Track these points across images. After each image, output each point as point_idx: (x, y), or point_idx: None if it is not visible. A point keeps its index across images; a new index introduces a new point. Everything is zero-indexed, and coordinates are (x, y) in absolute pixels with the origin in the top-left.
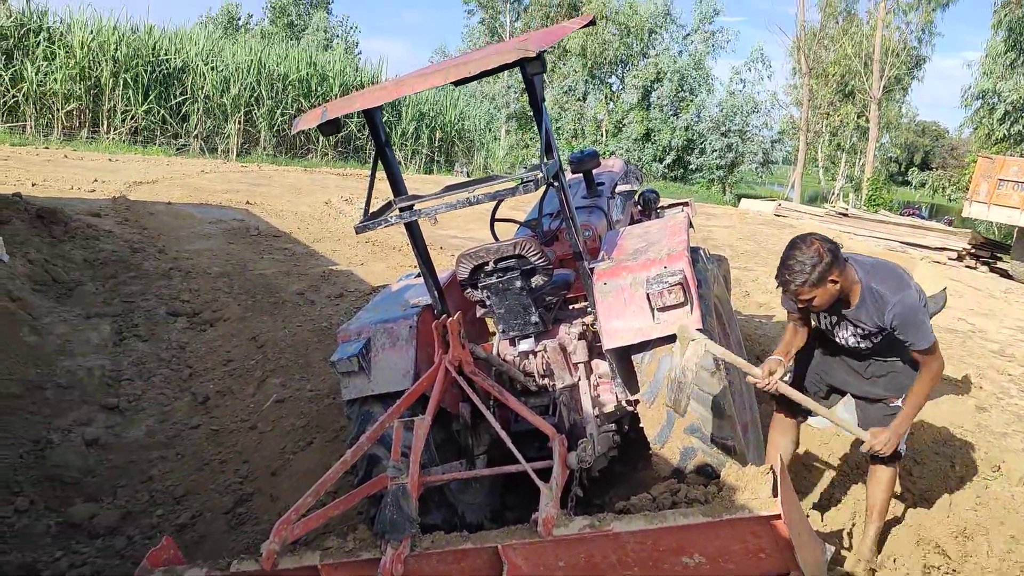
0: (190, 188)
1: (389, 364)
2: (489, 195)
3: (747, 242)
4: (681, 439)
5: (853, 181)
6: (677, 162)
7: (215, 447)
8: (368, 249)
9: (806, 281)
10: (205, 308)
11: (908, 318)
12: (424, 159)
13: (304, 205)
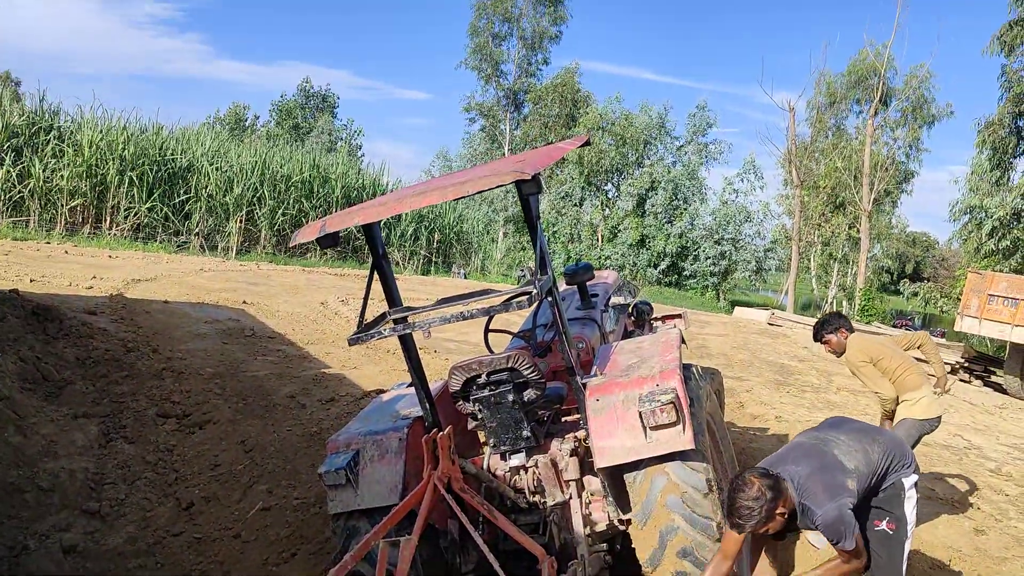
0: (188, 286)
1: (377, 478)
2: (483, 310)
3: (741, 351)
4: (674, 563)
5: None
6: (672, 268)
7: (196, 556)
8: (362, 352)
9: (757, 522)
10: (195, 410)
11: (832, 528)
12: (422, 260)
13: (300, 305)
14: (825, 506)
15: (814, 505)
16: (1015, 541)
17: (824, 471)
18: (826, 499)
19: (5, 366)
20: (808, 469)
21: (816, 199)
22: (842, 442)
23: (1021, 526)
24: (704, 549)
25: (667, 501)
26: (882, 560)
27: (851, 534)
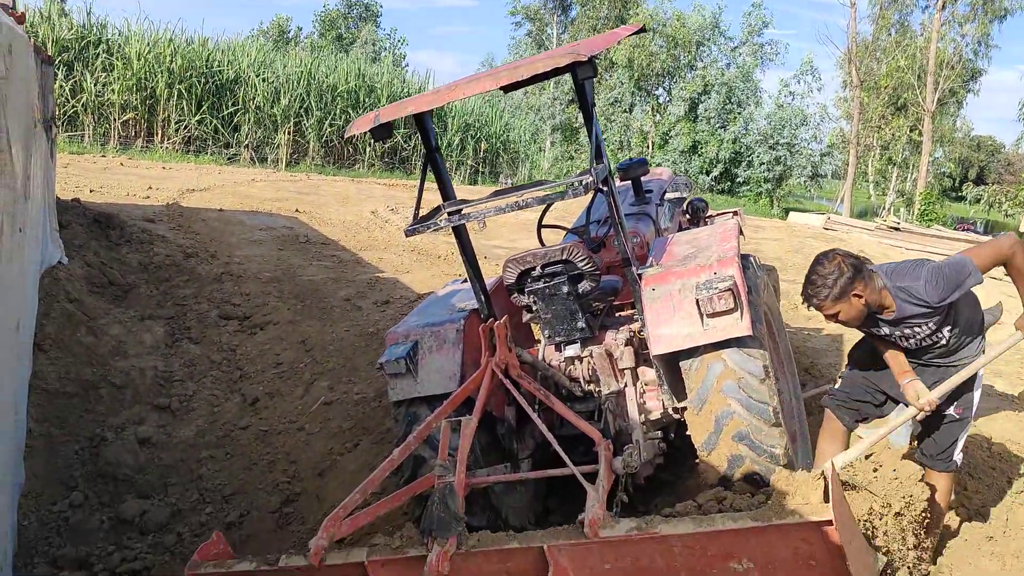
0: (240, 196)
1: (436, 367)
2: (538, 199)
3: (796, 255)
4: (729, 447)
5: (905, 196)
6: (724, 175)
7: (263, 447)
8: (413, 258)
9: (828, 295)
10: (255, 312)
11: (938, 280)
12: (469, 170)
13: (351, 214)
14: (920, 272)
15: (909, 280)
16: None
17: (912, 262)
18: (917, 268)
19: (73, 271)
20: (895, 263)
21: (876, 100)
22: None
23: None
24: (760, 433)
25: (723, 387)
26: (937, 441)
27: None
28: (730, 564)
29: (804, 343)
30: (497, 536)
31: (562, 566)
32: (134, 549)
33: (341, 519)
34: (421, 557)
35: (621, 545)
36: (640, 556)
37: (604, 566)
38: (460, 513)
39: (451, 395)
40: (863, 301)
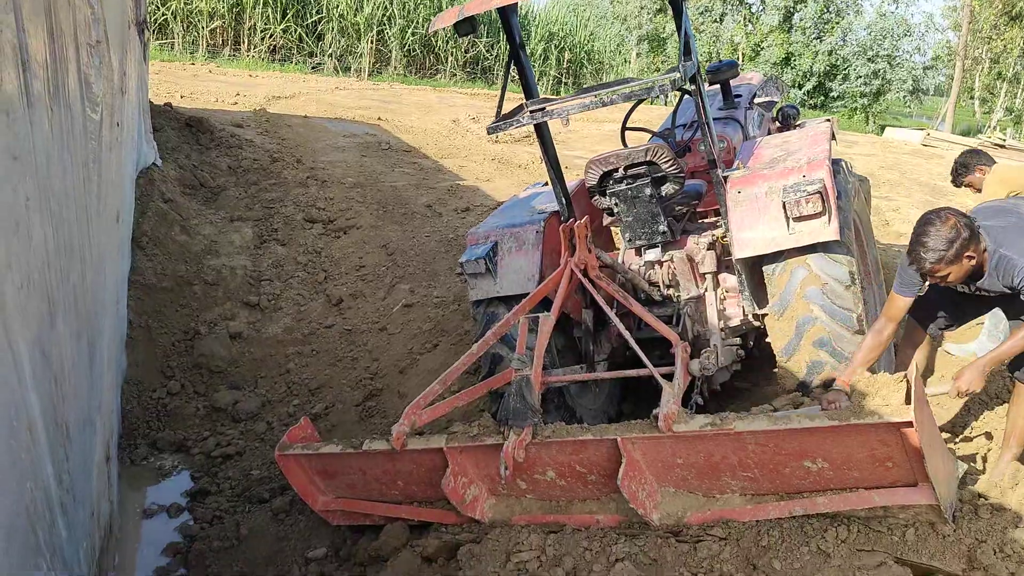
0: (324, 104)
1: (515, 267)
2: (623, 95)
3: (890, 171)
4: (809, 353)
5: (1013, 114)
6: (818, 88)
7: (347, 345)
8: (494, 166)
9: (942, 258)
10: (339, 216)
11: None
12: (552, 81)
13: (432, 123)
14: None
15: (1015, 254)
16: None
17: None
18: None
19: (167, 172)
20: (1004, 222)
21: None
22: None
23: None
24: (842, 340)
25: (807, 292)
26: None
27: None
28: (804, 463)
29: (893, 260)
30: (572, 427)
31: (635, 459)
32: (227, 435)
33: (422, 408)
34: (497, 445)
35: (694, 440)
36: (713, 452)
37: (677, 460)
38: (536, 404)
39: (529, 295)
40: (974, 262)
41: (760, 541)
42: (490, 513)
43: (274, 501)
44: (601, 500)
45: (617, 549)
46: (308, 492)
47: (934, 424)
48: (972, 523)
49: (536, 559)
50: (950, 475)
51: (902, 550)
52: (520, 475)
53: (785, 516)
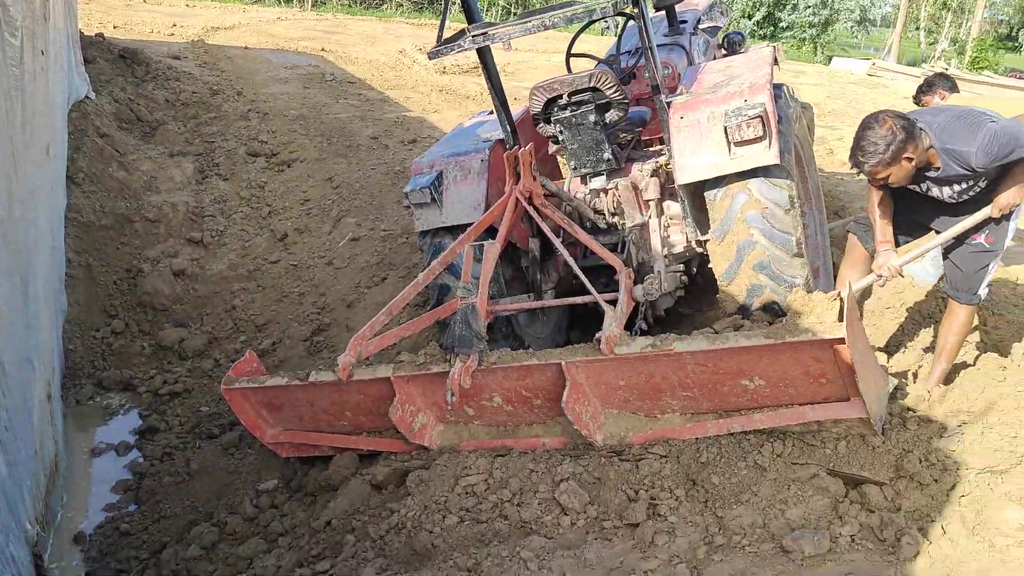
0: (266, 34)
1: (460, 196)
2: (565, 18)
3: (835, 100)
4: (749, 277)
5: (957, 44)
6: (767, 19)
7: (294, 280)
8: (442, 97)
9: (880, 161)
10: (282, 149)
11: (996, 145)
12: (500, 11)
13: (378, 54)
14: (976, 137)
15: (962, 144)
16: None
17: (962, 115)
18: (972, 133)
19: (101, 106)
20: (946, 118)
21: None
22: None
23: None
24: (781, 263)
25: (747, 216)
26: (964, 273)
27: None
28: (741, 381)
29: (836, 187)
30: (517, 353)
31: (578, 382)
32: (174, 373)
33: (368, 339)
34: (444, 373)
35: (636, 362)
36: (654, 373)
37: (619, 382)
38: (482, 331)
39: (475, 223)
40: (913, 163)
41: (699, 458)
42: (438, 440)
43: (224, 436)
44: (547, 423)
45: (562, 470)
46: (256, 425)
47: (866, 341)
48: (900, 434)
49: (483, 482)
50: (881, 390)
51: (834, 462)
52: (467, 402)
53: (724, 433)
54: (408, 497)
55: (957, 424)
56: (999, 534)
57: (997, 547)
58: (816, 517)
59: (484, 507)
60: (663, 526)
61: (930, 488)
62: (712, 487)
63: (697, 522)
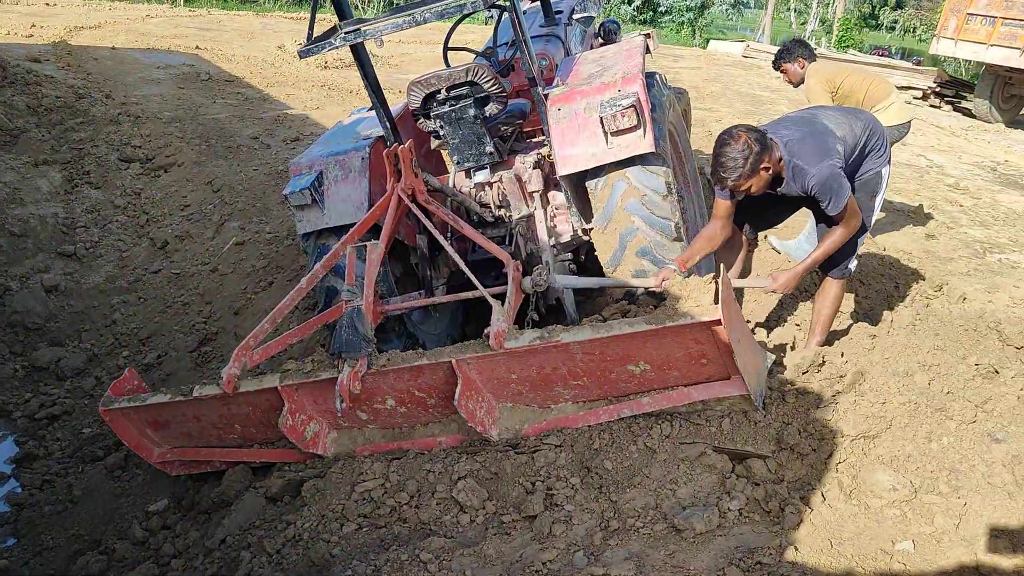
0: (135, 33)
1: (342, 196)
2: (436, 13)
3: (713, 83)
4: (633, 263)
5: (825, 24)
6: (646, 4)
7: (177, 290)
8: (324, 93)
9: (740, 175)
10: (158, 153)
11: (825, 186)
12: (381, 3)
13: (257, 50)
14: (818, 165)
15: (806, 164)
16: (963, 244)
17: (815, 136)
18: (817, 160)
19: None
20: (799, 134)
21: None
22: (831, 115)
23: (970, 232)
24: (663, 248)
25: (627, 205)
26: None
27: (844, 194)
28: (628, 367)
29: None
30: (407, 354)
31: (470, 379)
32: (51, 395)
33: (252, 348)
34: (332, 379)
35: (525, 355)
36: (544, 364)
37: (511, 376)
38: (369, 334)
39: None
40: (770, 172)
41: (592, 444)
42: (332, 447)
43: (108, 458)
44: (442, 422)
45: (459, 467)
46: (141, 445)
47: (742, 320)
48: (780, 408)
49: (380, 487)
50: (759, 366)
51: (719, 439)
52: (359, 406)
53: (614, 419)
54: (304, 508)
55: (832, 394)
56: (873, 496)
57: (872, 509)
58: (705, 494)
59: (382, 512)
60: (560, 515)
61: (809, 458)
62: (606, 472)
63: (593, 508)
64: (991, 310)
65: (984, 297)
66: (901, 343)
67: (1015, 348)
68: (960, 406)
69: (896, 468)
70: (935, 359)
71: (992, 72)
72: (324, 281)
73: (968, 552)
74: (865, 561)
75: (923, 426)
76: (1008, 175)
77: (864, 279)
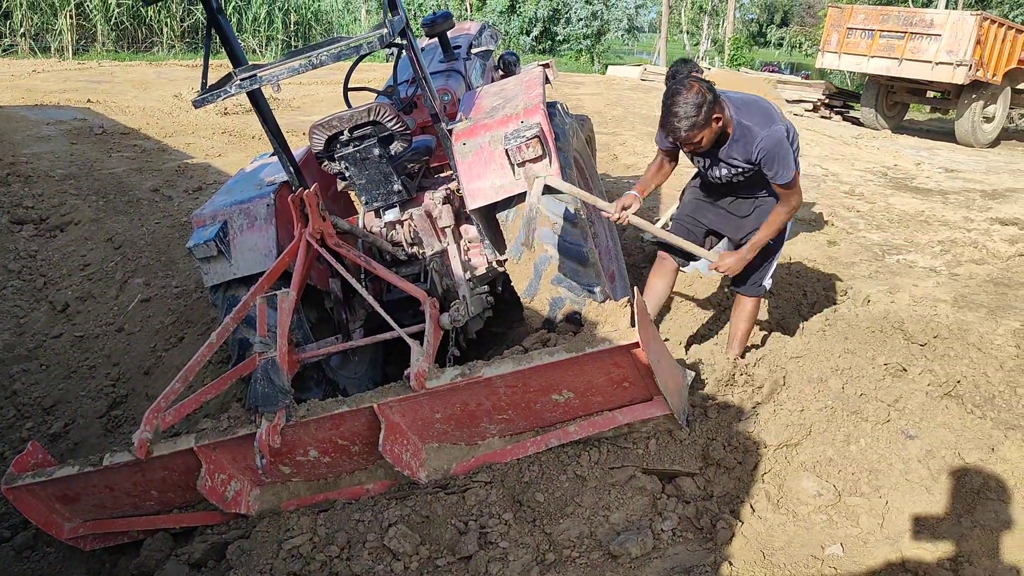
0: (21, 90)
1: (249, 245)
2: (333, 55)
3: (614, 108)
4: (549, 291)
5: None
6: (544, 34)
7: (81, 353)
8: (225, 140)
9: (694, 124)
10: (52, 213)
11: (773, 151)
12: (280, 45)
13: (152, 100)
14: (768, 128)
15: (755, 125)
16: (863, 248)
17: (759, 102)
18: (766, 123)
19: None
20: (744, 97)
21: None
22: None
23: (869, 236)
24: (577, 274)
25: (539, 233)
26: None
27: (790, 164)
28: (551, 396)
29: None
30: (326, 403)
31: (394, 422)
32: None
33: (164, 410)
34: (250, 435)
35: (448, 393)
36: (468, 401)
37: (435, 416)
38: (286, 386)
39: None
40: (720, 123)
41: (523, 478)
42: (256, 505)
43: (16, 538)
44: (368, 469)
45: (389, 514)
46: (50, 522)
47: (660, 341)
48: (703, 424)
49: (309, 542)
50: (680, 385)
51: (647, 460)
52: (281, 460)
53: (542, 449)
54: (230, 572)
55: (752, 406)
56: (800, 503)
57: (800, 516)
58: (638, 517)
59: (312, 568)
60: (495, 553)
61: (736, 471)
62: (538, 505)
63: (528, 543)
64: (894, 310)
65: (887, 298)
66: (814, 350)
67: (919, 345)
68: (874, 407)
69: (819, 473)
70: (846, 363)
71: (875, 82)
72: (236, 333)
73: (894, 549)
74: (797, 569)
75: (841, 430)
76: (898, 179)
77: (774, 289)
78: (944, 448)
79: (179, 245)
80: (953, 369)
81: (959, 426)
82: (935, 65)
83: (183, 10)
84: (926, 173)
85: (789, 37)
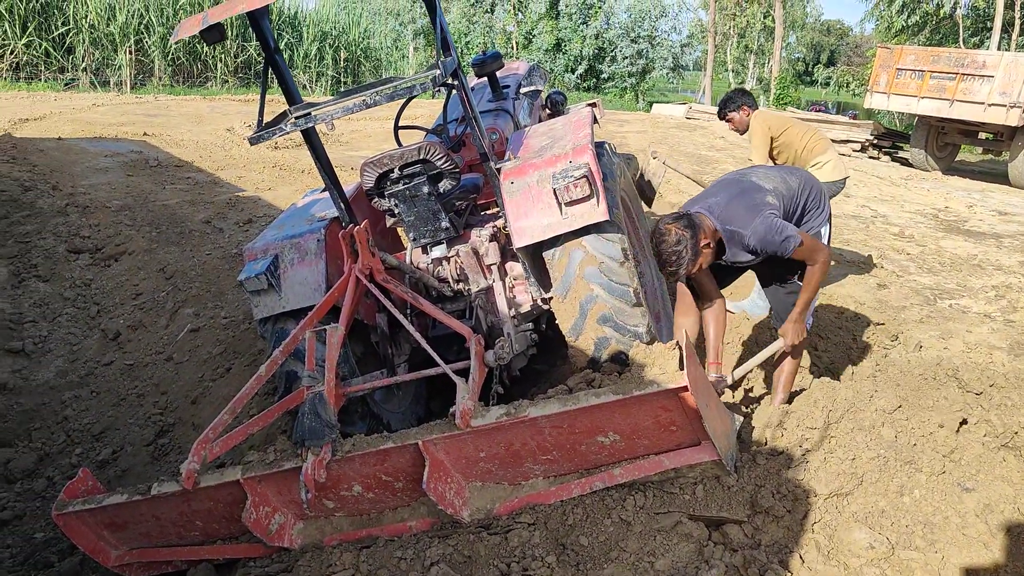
0: (81, 123)
1: (299, 279)
2: (386, 96)
3: (659, 145)
4: (595, 330)
5: (763, 83)
6: (589, 71)
7: (131, 381)
8: (276, 174)
9: (685, 262)
10: (107, 243)
11: (765, 240)
12: (330, 80)
13: (206, 134)
14: (751, 224)
15: (740, 227)
16: (914, 292)
17: (742, 195)
18: (749, 218)
19: None
20: (726, 198)
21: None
22: (760, 172)
23: (920, 279)
24: (623, 314)
25: (585, 272)
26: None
27: (788, 234)
28: (597, 438)
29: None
30: (372, 438)
31: (438, 459)
32: (1, 499)
33: (211, 441)
34: (296, 468)
35: (493, 432)
36: (512, 440)
37: (479, 454)
38: (332, 420)
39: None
40: (710, 244)
41: (566, 520)
42: (299, 539)
43: (63, 564)
44: (412, 506)
45: (431, 552)
46: (98, 549)
47: (708, 384)
48: (752, 471)
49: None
50: (728, 429)
51: (694, 506)
52: (325, 494)
53: (587, 492)
54: None
55: (801, 453)
56: (851, 555)
57: (851, 568)
58: (684, 564)
59: None
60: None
61: (785, 520)
62: (581, 548)
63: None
64: (947, 357)
65: (939, 344)
66: (865, 396)
67: (975, 395)
68: (928, 458)
69: (871, 525)
70: (900, 412)
71: (925, 123)
72: (283, 366)
73: None
74: None
75: (894, 480)
76: (949, 221)
77: (822, 332)
78: (1003, 502)
79: (228, 276)
80: (1011, 420)
81: (1018, 479)
82: (987, 106)
83: (236, 46)
84: (979, 216)
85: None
